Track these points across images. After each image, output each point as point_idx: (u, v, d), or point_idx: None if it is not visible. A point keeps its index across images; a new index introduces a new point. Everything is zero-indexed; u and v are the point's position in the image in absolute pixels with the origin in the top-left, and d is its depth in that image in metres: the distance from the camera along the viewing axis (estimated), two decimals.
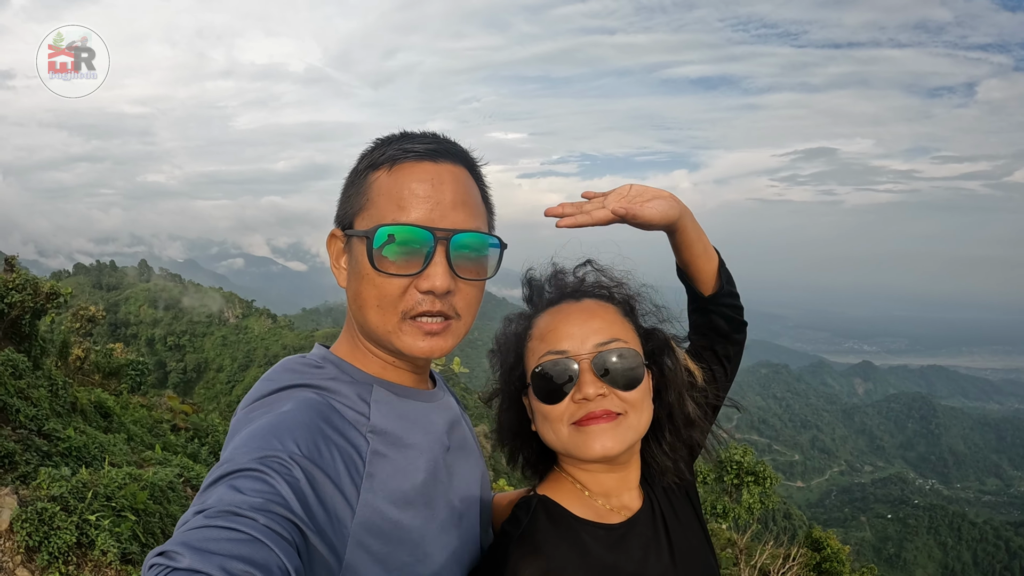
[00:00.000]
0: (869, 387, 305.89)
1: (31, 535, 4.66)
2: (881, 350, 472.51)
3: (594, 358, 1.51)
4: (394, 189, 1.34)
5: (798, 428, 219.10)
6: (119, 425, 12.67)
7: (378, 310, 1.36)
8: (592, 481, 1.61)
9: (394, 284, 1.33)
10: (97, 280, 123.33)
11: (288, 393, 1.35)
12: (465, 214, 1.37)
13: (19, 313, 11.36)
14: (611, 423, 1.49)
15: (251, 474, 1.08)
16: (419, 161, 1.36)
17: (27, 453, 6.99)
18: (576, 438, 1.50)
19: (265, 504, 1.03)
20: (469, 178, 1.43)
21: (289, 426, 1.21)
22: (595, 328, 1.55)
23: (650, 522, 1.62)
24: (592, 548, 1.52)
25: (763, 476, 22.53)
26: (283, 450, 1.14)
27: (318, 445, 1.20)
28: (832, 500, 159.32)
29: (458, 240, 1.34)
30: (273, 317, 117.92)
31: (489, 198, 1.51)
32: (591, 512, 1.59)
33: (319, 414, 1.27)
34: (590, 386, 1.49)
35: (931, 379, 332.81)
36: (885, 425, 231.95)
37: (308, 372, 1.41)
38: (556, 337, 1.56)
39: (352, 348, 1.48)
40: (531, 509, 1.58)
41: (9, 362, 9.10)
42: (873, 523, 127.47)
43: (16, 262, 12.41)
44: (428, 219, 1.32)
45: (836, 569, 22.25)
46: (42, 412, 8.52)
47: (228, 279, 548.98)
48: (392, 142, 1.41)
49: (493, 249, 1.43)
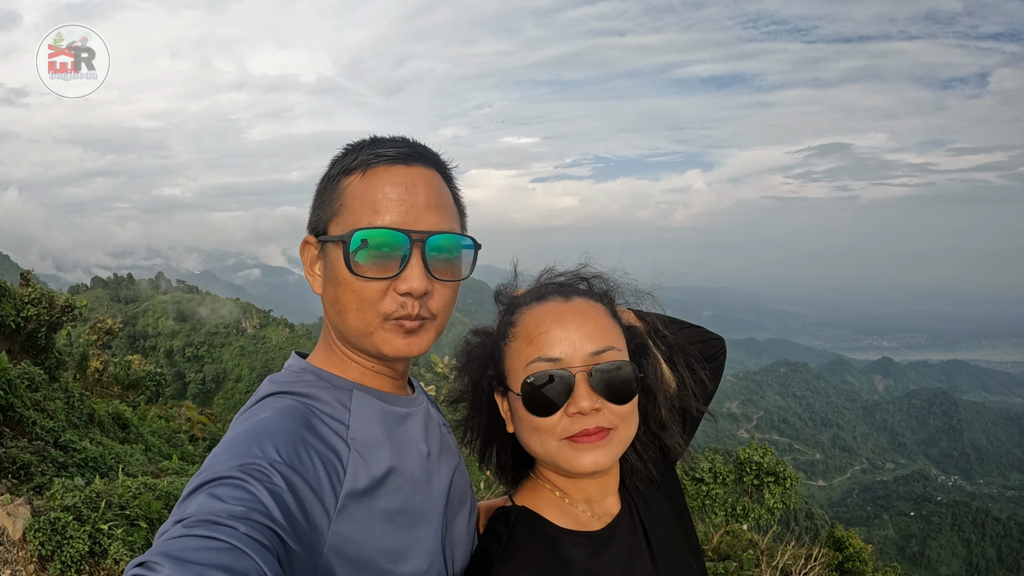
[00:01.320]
0: (889, 383, 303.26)
1: (44, 544, 4.70)
2: (900, 346, 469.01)
3: (590, 371, 1.44)
4: (367, 193, 1.34)
5: (819, 427, 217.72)
6: (137, 436, 12.75)
7: (357, 313, 1.35)
8: (573, 488, 1.57)
9: (372, 288, 1.33)
10: (115, 293, 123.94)
11: (268, 401, 1.35)
12: (439, 216, 1.37)
13: (35, 326, 11.45)
14: (603, 439, 1.44)
15: (231, 482, 1.07)
16: (391, 165, 1.36)
17: (43, 464, 7.05)
18: (566, 452, 1.45)
19: (246, 512, 1.02)
20: (441, 181, 1.43)
21: (269, 433, 1.20)
22: (589, 333, 1.48)
23: (630, 525, 1.58)
24: (577, 559, 1.48)
25: (783, 476, 22.40)
26: (263, 457, 1.13)
27: (298, 451, 1.20)
28: (854, 499, 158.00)
29: (433, 242, 1.34)
30: (291, 326, 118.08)
31: (461, 200, 1.50)
32: (572, 521, 1.55)
33: (299, 420, 1.27)
34: (585, 400, 1.42)
35: (951, 374, 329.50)
36: (906, 421, 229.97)
37: (288, 381, 1.41)
38: (547, 341, 1.47)
39: (329, 356, 1.48)
40: (511, 522, 1.54)
41: (26, 375, 9.18)
42: (896, 521, 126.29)
43: (32, 276, 12.52)
44: (403, 222, 1.32)
45: (859, 568, 22.11)
46: (58, 424, 8.59)
47: (245, 289, 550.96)
48: (363, 147, 1.41)
49: (467, 250, 1.43)
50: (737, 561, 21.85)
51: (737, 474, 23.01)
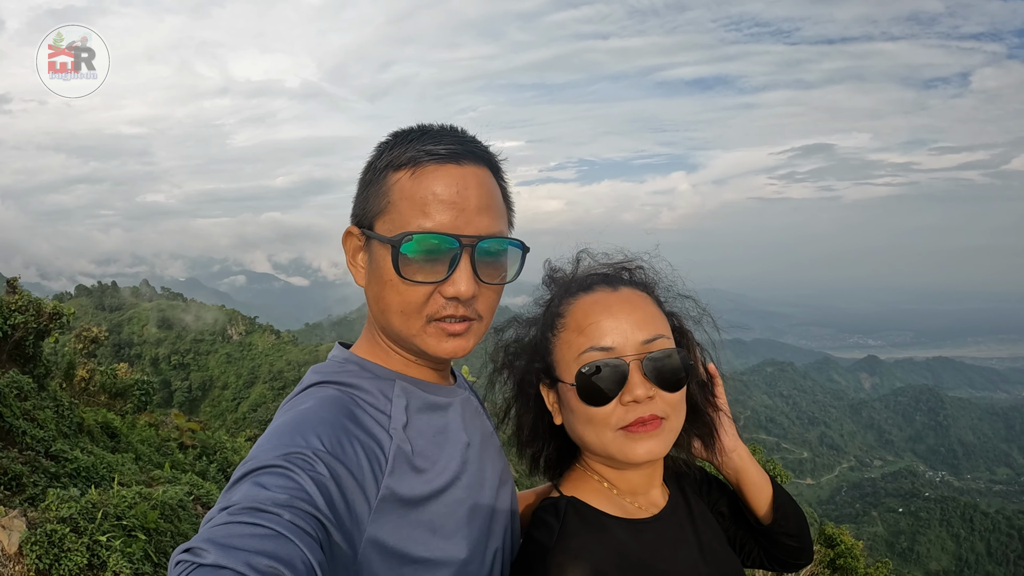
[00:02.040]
0: (876, 381, 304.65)
1: (41, 558, 4.55)
2: (886, 344, 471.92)
3: (643, 359, 1.45)
4: (417, 194, 1.31)
5: (806, 425, 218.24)
6: (126, 445, 12.57)
7: (402, 315, 1.35)
8: (620, 479, 1.57)
9: (419, 291, 1.32)
10: (99, 301, 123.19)
11: (311, 391, 1.35)
12: (489, 218, 1.35)
13: (22, 335, 11.26)
14: (657, 428, 1.45)
15: (276, 470, 1.09)
16: (442, 164, 1.33)
17: (34, 475, 6.88)
18: (621, 442, 1.45)
19: (290, 500, 1.03)
20: (492, 179, 1.40)
21: (312, 422, 1.21)
22: (638, 322, 1.48)
23: (676, 518, 1.59)
24: (628, 546, 1.48)
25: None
26: (307, 446, 1.14)
27: (341, 441, 1.20)
28: (843, 496, 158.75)
29: (483, 246, 1.33)
30: (277, 333, 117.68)
31: (509, 196, 1.49)
32: (620, 510, 1.55)
33: (342, 410, 1.27)
34: (640, 388, 1.42)
35: (937, 371, 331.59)
36: (893, 419, 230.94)
37: (331, 371, 1.42)
38: (599, 331, 1.47)
39: (373, 346, 1.48)
40: (561, 512, 1.53)
41: (14, 384, 8.99)
42: (885, 517, 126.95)
43: (18, 283, 12.33)
44: (453, 226, 1.30)
45: (851, 565, 22.07)
46: (48, 433, 8.41)
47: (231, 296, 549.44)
48: (412, 140, 1.37)
49: (515, 251, 1.42)
50: None
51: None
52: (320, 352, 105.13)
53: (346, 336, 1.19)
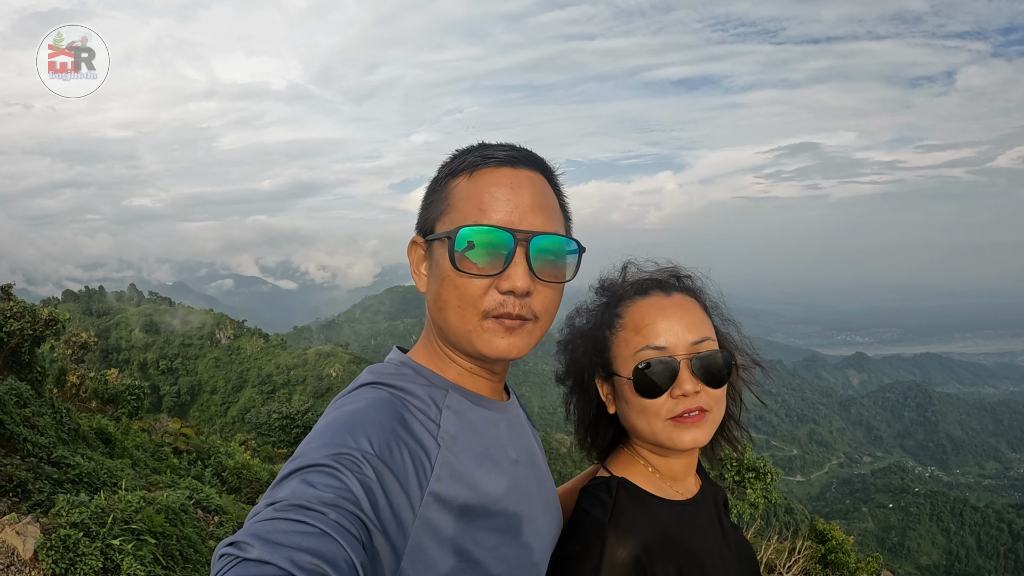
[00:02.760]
0: (864, 378, 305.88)
1: (57, 562, 4.59)
2: (874, 341, 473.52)
3: (692, 358, 1.61)
4: (474, 193, 1.36)
5: (795, 423, 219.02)
6: (122, 450, 12.57)
7: (458, 310, 1.36)
8: (663, 464, 1.73)
9: (475, 285, 1.34)
10: (87, 306, 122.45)
11: (364, 391, 1.36)
12: (544, 217, 1.38)
13: (18, 341, 11.27)
14: (702, 419, 1.61)
15: (323, 470, 1.10)
16: (498, 167, 1.38)
17: (39, 481, 6.91)
18: (670, 431, 1.61)
19: (336, 500, 1.04)
20: (547, 184, 1.44)
21: (363, 423, 1.22)
22: (688, 325, 1.64)
23: (705, 504, 1.78)
24: (670, 524, 1.64)
25: (764, 471, 22.50)
26: (356, 448, 1.15)
27: (390, 445, 1.21)
28: (833, 492, 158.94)
29: (538, 242, 1.35)
30: (265, 336, 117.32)
31: (567, 206, 1.52)
32: (661, 492, 1.71)
33: (392, 414, 1.28)
34: (688, 383, 1.59)
35: (925, 367, 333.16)
36: (882, 415, 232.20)
37: (386, 373, 1.42)
38: (654, 332, 1.63)
39: (430, 353, 1.49)
40: (613, 491, 1.66)
41: (13, 390, 9.01)
42: (875, 513, 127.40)
43: (13, 290, 12.32)
44: (508, 221, 1.33)
45: (842, 560, 22.17)
46: (49, 440, 8.44)
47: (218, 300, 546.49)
48: (471, 151, 1.43)
49: (571, 253, 1.44)
50: None
51: (718, 471, 23.09)
52: (309, 355, 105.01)
53: (334, 339, 1.21)
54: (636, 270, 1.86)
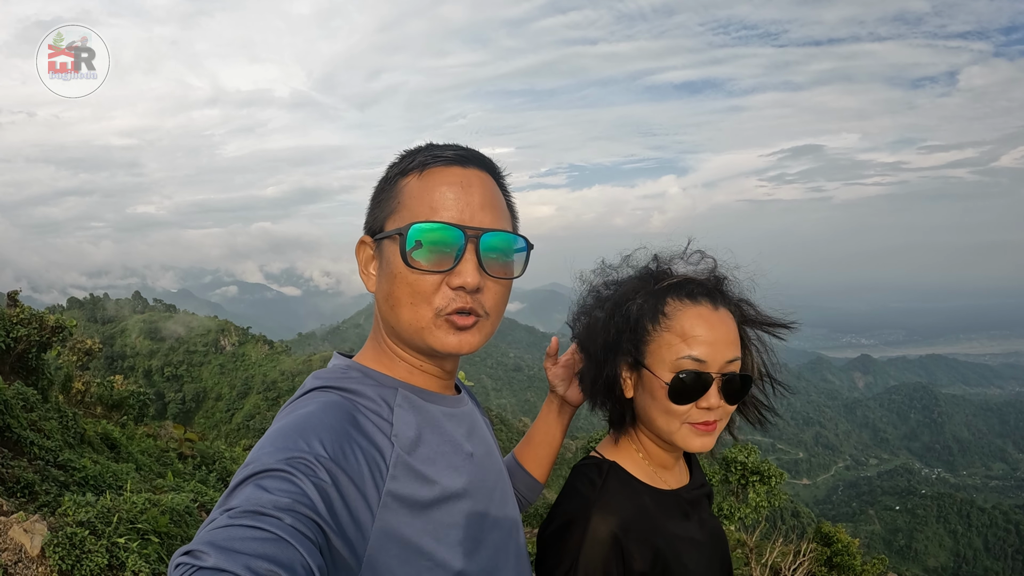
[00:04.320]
0: (869, 380, 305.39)
1: (63, 559, 4.68)
2: (879, 343, 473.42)
3: (725, 377, 1.69)
4: (425, 191, 1.37)
5: (801, 426, 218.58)
6: (127, 455, 12.67)
7: (411, 307, 1.37)
8: (658, 454, 1.83)
9: (427, 281, 1.35)
10: (91, 314, 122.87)
11: (313, 395, 1.35)
12: (493, 215, 1.40)
13: (25, 347, 11.37)
14: (713, 429, 1.72)
15: (278, 474, 1.09)
16: (448, 166, 1.40)
17: (45, 483, 7.00)
18: (685, 435, 1.71)
19: (291, 504, 1.03)
20: (495, 184, 1.47)
21: (315, 426, 1.21)
22: (727, 343, 1.71)
23: (689, 496, 1.87)
24: (650, 508, 1.74)
25: (768, 475, 22.50)
26: (309, 451, 1.14)
27: (343, 447, 1.20)
28: (839, 495, 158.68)
29: (487, 239, 1.37)
30: (270, 343, 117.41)
31: (514, 205, 1.54)
32: (648, 479, 1.81)
33: (344, 416, 1.28)
34: (715, 398, 1.68)
35: (931, 368, 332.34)
36: (888, 417, 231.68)
37: (333, 376, 1.42)
38: (696, 343, 1.69)
39: (378, 354, 1.50)
40: (604, 473, 1.77)
41: (20, 395, 9.09)
42: (882, 515, 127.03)
43: (18, 297, 12.43)
44: (459, 218, 1.35)
45: (847, 562, 22.21)
46: (55, 444, 8.52)
47: (223, 307, 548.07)
48: (420, 151, 1.45)
49: (520, 250, 1.46)
50: None
51: (722, 474, 23.10)
52: (314, 362, 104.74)
53: (339, 346, 1.25)
54: (679, 261, 1.88)
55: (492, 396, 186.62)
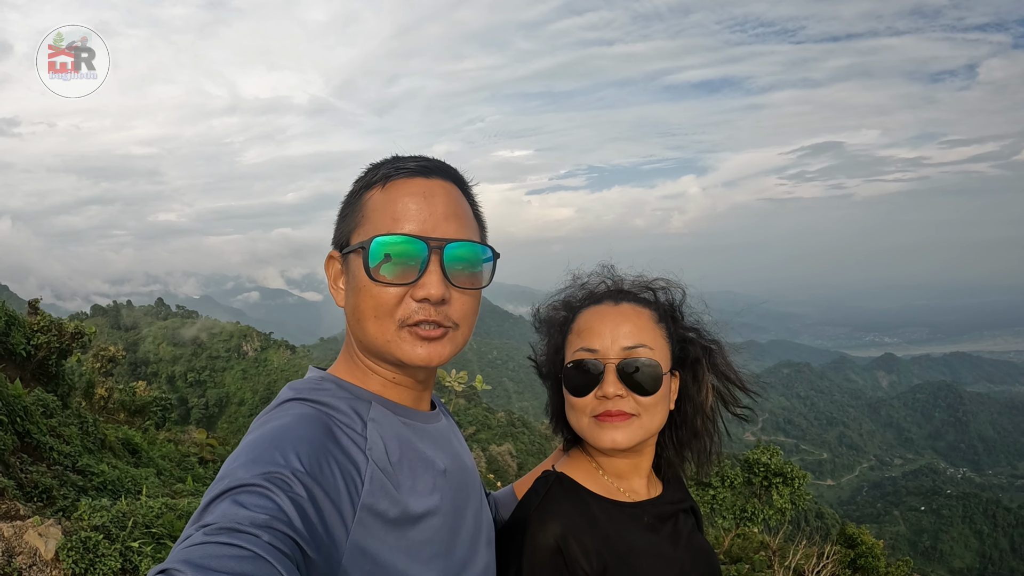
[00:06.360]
0: (893, 379, 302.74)
1: (77, 563, 4.74)
2: (902, 341, 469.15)
3: (619, 362, 1.68)
4: (388, 204, 1.37)
5: (824, 426, 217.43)
6: (148, 460, 12.78)
7: (376, 320, 1.37)
8: (608, 463, 1.80)
9: (390, 293, 1.35)
10: (115, 321, 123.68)
11: (288, 407, 1.34)
12: (457, 225, 1.40)
13: (45, 354, 11.50)
14: (624, 422, 1.68)
15: (254, 489, 1.07)
16: (411, 177, 1.40)
17: (63, 488, 7.08)
18: (593, 429, 1.70)
19: (269, 521, 1.02)
20: (460, 194, 1.46)
21: (291, 440, 1.20)
22: (625, 332, 1.71)
23: (656, 509, 1.81)
24: (598, 518, 1.69)
25: (791, 476, 22.34)
26: (286, 466, 1.13)
27: (319, 461, 1.19)
28: (864, 496, 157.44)
29: (451, 249, 1.37)
30: (292, 348, 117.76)
31: (481, 215, 1.54)
32: (602, 490, 1.77)
33: (321, 428, 1.27)
34: (611, 386, 1.66)
35: (955, 366, 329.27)
36: (912, 416, 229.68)
37: (307, 388, 1.41)
38: (590, 336, 1.72)
39: (351, 367, 1.49)
40: (549, 484, 1.76)
41: (40, 401, 9.21)
42: (907, 516, 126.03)
43: (39, 305, 12.58)
44: (422, 230, 1.35)
45: (871, 564, 22.04)
46: (74, 449, 8.62)
47: (245, 313, 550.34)
48: (384, 164, 1.45)
49: (487, 260, 1.46)
50: (749, 563, 21.81)
51: (745, 476, 22.95)
52: None
53: None
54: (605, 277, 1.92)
55: (514, 399, 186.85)
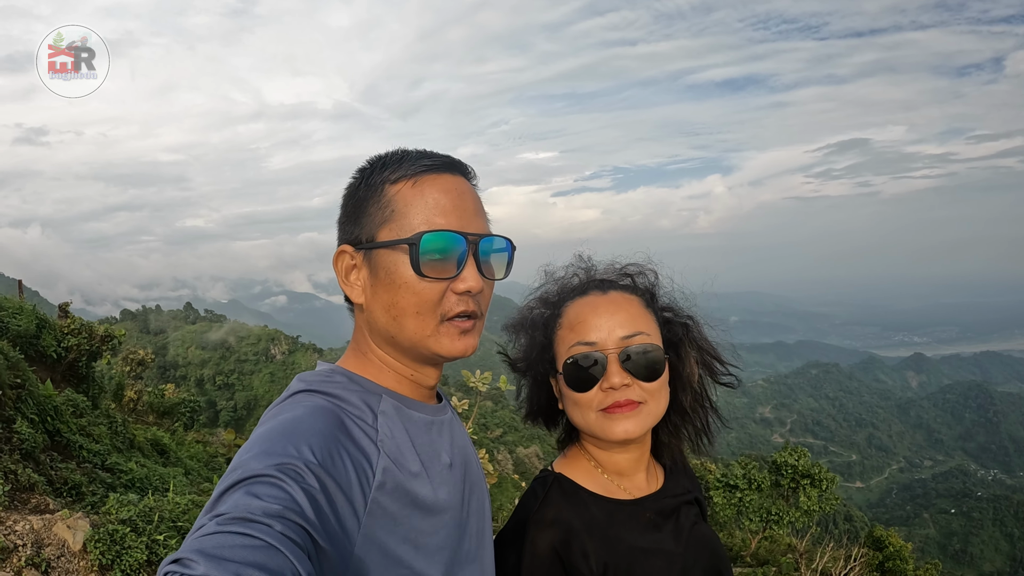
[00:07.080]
0: (923, 379, 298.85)
1: (104, 554, 4.90)
2: (932, 340, 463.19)
3: (620, 351, 1.67)
4: (421, 199, 1.39)
5: (853, 427, 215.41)
6: (176, 460, 12.98)
7: (417, 317, 1.39)
8: (608, 461, 1.79)
9: (435, 289, 1.37)
10: (144, 325, 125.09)
11: (299, 398, 1.35)
12: (483, 220, 1.46)
13: (76, 356, 11.74)
14: (633, 410, 1.67)
15: (268, 480, 1.08)
16: (439, 173, 1.42)
17: (92, 485, 7.26)
18: (602, 422, 1.68)
19: (281, 511, 1.03)
20: (475, 189, 1.51)
21: (303, 431, 1.21)
22: (621, 321, 1.70)
23: (657, 504, 1.80)
24: (599, 519, 1.69)
25: (819, 478, 22.24)
26: (299, 457, 1.14)
27: (331, 453, 1.20)
28: (893, 498, 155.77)
29: (484, 244, 1.42)
30: (319, 351, 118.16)
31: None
32: (602, 489, 1.76)
33: (333, 420, 1.28)
34: (616, 376, 1.65)
35: (985, 366, 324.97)
36: (942, 417, 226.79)
37: (318, 380, 1.42)
38: (585, 329, 1.71)
39: (362, 361, 1.50)
40: (547, 485, 1.75)
41: (70, 402, 9.41)
42: (936, 519, 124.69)
43: (69, 308, 12.84)
44: (459, 225, 1.38)
45: (899, 567, 21.91)
46: (104, 448, 8.80)
47: (272, 316, 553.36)
48: (400, 158, 1.45)
49: (506, 252, 1.51)
50: (776, 565, 21.71)
51: (773, 478, 22.86)
52: None
53: None
54: (581, 268, 1.92)
55: None
